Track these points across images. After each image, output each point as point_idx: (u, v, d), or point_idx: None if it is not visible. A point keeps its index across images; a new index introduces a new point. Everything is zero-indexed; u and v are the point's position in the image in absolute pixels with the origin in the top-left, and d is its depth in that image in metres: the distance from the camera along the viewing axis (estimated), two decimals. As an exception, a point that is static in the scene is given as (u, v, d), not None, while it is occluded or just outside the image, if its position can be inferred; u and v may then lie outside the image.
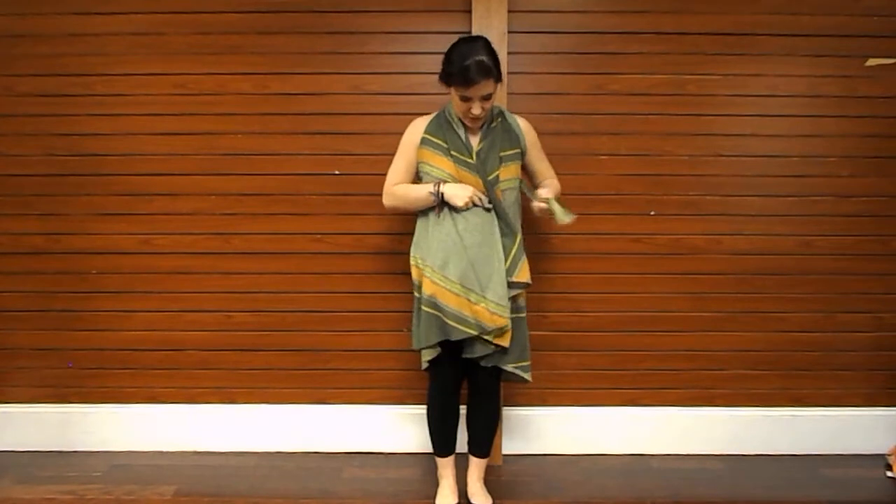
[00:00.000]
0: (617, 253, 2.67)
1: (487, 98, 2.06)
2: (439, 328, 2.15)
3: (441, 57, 2.12)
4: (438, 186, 2.13)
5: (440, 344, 2.18)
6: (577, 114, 2.62)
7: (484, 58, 2.00)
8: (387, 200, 2.26)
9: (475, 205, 2.12)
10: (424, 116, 2.25)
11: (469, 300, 2.11)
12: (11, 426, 2.76)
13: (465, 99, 2.06)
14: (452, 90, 2.09)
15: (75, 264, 2.69)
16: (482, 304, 2.10)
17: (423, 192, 2.16)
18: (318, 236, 2.67)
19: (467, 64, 1.99)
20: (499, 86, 2.12)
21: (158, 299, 2.70)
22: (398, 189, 2.23)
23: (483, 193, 2.13)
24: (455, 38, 2.14)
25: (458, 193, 2.11)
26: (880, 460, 2.70)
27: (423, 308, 2.17)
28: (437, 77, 2.13)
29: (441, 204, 2.15)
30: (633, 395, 2.74)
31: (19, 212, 2.67)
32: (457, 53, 2.04)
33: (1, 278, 2.70)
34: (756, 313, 2.70)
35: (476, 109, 2.07)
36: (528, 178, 2.31)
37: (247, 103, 2.62)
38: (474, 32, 2.47)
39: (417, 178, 2.25)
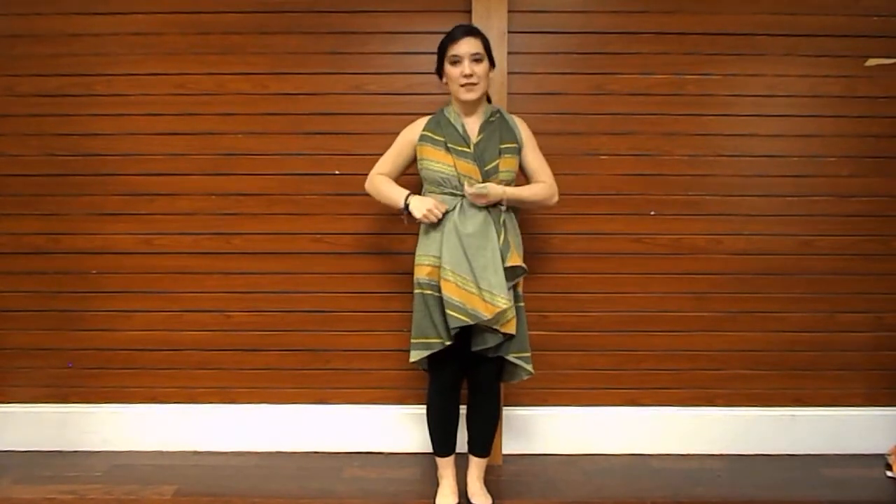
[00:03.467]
0: (617, 253, 2.67)
1: (478, 60, 2.12)
2: (444, 321, 2.14)
3: (441, 57, 2.15)
4: (407, 199, 2.19)
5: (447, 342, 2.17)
6: (577, 114, 2.62)
7: (470, 24, 2.13)
8: (367, 185, 2.33)
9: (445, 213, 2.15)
10: (423, 118, 2.26)
11: (466, 290, 2.10)
12: (11, 426, 2.76)
13: (456, 62, 2.12)
14: (446, 66, 2.14)
15: (75, 264, 2.69)
16: (477, 293, 2.09)
17: (395, 198, 2.22)
18: (318, 236, 2.67)
19: (454, 28, 2.14)
20: (492, 71, 2.19)
21: (158, 299, 2.70)
22: (377, 180, 2.29)
23: (468, 186, 2.13)
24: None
25: (417, 206, 2.16)
26: (880, 460, 2.70)
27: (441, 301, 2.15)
28: (436, 77, 2.16)
29: (409, 215, 2.20)
30: (633, 395, 2.74)
31: (20, 212, 2.67)
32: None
33: (1, 278, 2.70)
34: (756, 313, 2.71)
35: (467, 69, 2.10)
36: (525, 178, 2.31)
37: (246, 103, 2.62)
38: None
39: (416, 174, 2.26)
